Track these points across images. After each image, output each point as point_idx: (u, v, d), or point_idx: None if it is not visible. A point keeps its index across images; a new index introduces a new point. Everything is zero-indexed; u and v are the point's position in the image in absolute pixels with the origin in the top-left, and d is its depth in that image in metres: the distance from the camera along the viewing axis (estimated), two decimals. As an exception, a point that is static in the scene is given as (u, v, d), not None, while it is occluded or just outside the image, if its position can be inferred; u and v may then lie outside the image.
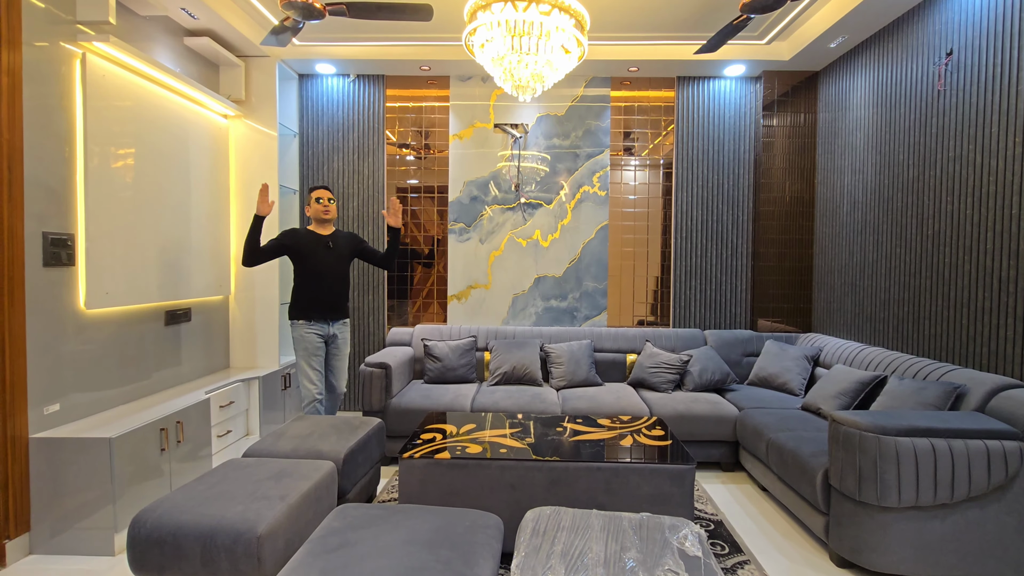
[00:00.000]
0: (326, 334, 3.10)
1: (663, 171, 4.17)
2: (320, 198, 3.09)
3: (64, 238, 2.42)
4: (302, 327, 3.04)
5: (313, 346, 3.04)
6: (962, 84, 2.59)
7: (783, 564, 2.31)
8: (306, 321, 3.04)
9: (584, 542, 1.61)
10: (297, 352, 3.07)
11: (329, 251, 3.08)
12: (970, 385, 2.36)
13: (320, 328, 3.07)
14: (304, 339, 3.04)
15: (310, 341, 3.04)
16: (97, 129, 2.56)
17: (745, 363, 3.85)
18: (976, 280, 2.52)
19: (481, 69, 3.96)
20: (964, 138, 2.58)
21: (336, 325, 3.14)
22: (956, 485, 2.05)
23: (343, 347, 3.20)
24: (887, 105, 3.16)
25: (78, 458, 2.28)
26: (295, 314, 3.07)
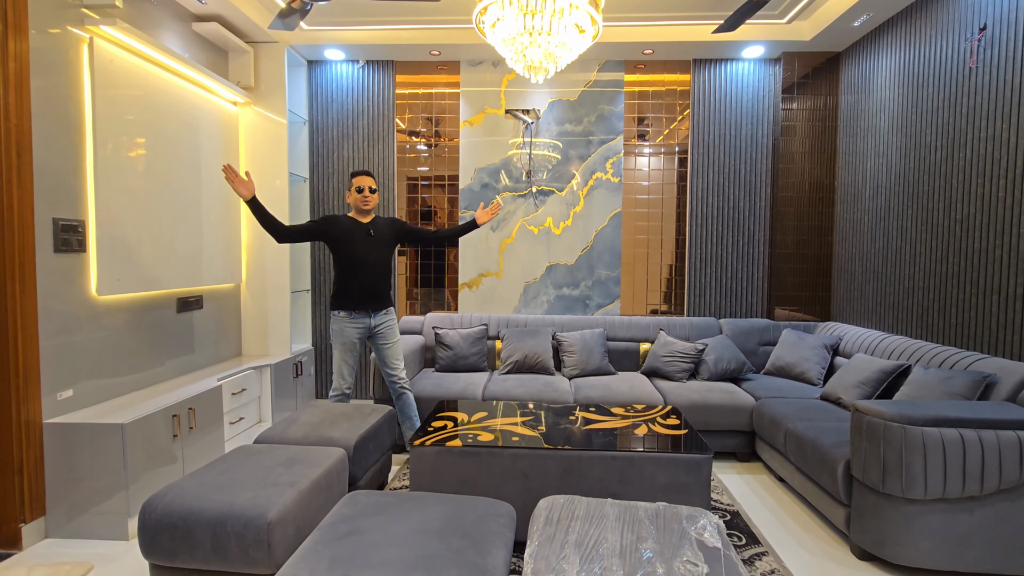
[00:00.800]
0: (367, 326, 2.94)
1: (678, 157, 4.08)
2: (361, 187, 2.89)
3: (75, 224, 2.41)
4: (342, 320, 2.90)
5: (350, 341, 2.91)
6: (996, 60, 2.47)
7: (802, 556, 2.26)
8: (346, 313, 2.90)
9: (599, 532, 1.57)
10: (333, 344, 2.95)
11: (369, 239, 2.91)
12: (1000, 374, 2.27)
13: (360, 321, 2.91)
14: (342, 333, 2.91)
15: (348, 336, 2.90)
16: (106, 114, 2.54)
17: (761, 352, 3.77)
18: (1008, 265, 2.42)
19: (492, 53, 3.88)
20: (997, 117, 2.47)
21: (378, 316, 2.97)
22: (986, 477, 1.98)
23: (390, 335, 3.01)
24: (914, 85, 3.04)
25: (91, 443, 2.29)
26: (335, 305, 2.94)
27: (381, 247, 2.96)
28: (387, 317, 3.01)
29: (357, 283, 2.90)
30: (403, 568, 1.40)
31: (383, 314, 2.99)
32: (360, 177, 2.93)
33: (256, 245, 3.74)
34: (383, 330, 2.99)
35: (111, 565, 2.13)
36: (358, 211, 2.95)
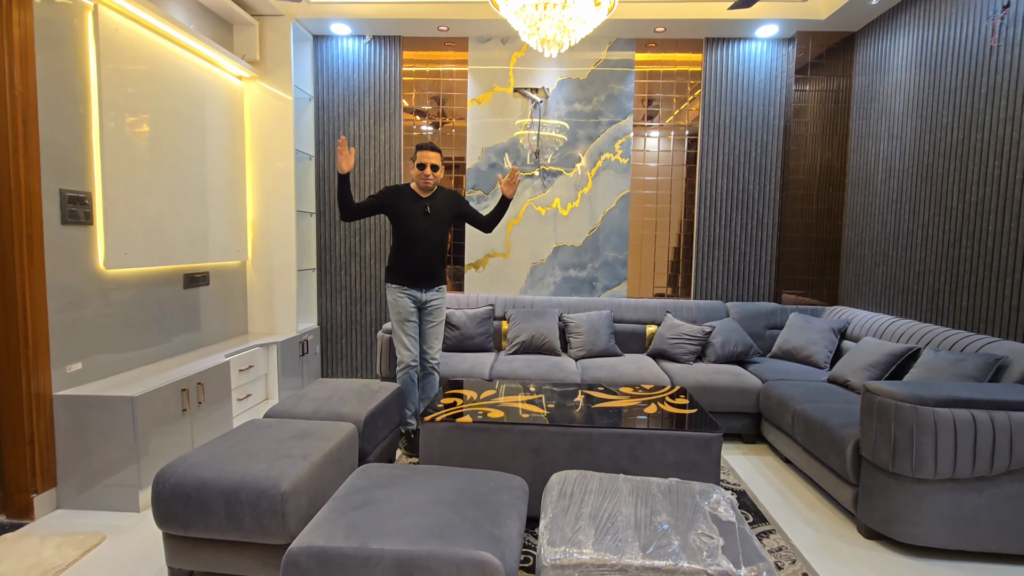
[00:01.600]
0: (419, 301, 2.95)
1: (688, 139, 4.03)
2: (423, 164, 2.81)
3: (81, 196, 2.39)
4: (395, 291, 2.93)
5: (407, 311, 2.91)
6: (1019, 38, 2.42)
7: (809, 534, 2.27)
8: (399, 286, 2.92)
9: (613, 505, 1.58)
10: (392, 317, 2.96)
11: (427, 217, 2.89)
12: (1013, 357, 2.26)
13: (413, 294, 2.93)
14: (397, 303, 2.92)
15: (403, 306, 2.91)
16: (111, 85, 2.50)
17: (768, 336, 3.76)
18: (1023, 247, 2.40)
19: (501, 29, 3.81)
20: (1018, 97, 2.43)
21: (429, 292, 2.97)
22: (996, 457, 1.98)
23: (436, 314, 3.01)
24: (932, 65, 2.99)
25: (102, 416, 2.29)
26: (390, 277, 2.96)
27: (437, 226, 2.93)
28: (438, 295, 3.02)
29: (410, 259, 2.91)
30: (419, 536, 1.40)
31: (435, 291, 3.00)
32: (425, 152, 2.82)
33: (262, 222, 3.72)
34: (431, 307, 3.01)
35: (123, 536, 2.15)
36: (418, 186, 2.91)
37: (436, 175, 2.86)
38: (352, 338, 4.19)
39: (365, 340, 4.18)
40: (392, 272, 2.94)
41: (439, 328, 3.03)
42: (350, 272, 4.14)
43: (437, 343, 3.03)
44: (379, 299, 4.15)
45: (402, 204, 2.88)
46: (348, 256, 4.13)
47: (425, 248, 2.90)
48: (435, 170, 2.84)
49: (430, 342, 3.01)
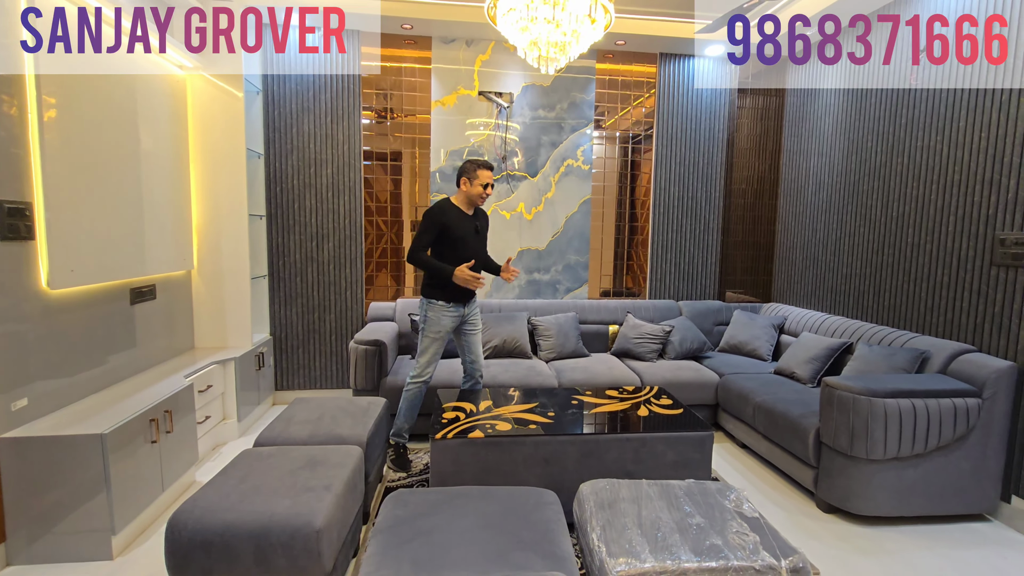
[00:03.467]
0: (462, 316, 2.92)
1: (644, 147, 4.26)
2: (487, 183, 2.80)
3: (21, 207, 2.07)
4: (441, 309, 2.83)
5: (445, 330, 2.87)
6: (935, 78, 2.85)
7: (778, 512, 2.57)
8: (447, 303, 2.84)
9: (650, 512, 1.70)
10: (427, 331, 2.85)
11: (477, 236, 2.91)
12: (932, 351, 2.69)
13: (458, 311, 2.88)
14: (440, 321, 2.84)
15: (445, 324, 2.85)
16: (52, 81, 2.17)
17: (716, 331, 4.12)
18: (936, 259, 2.85)
19: (467, 31, 3.77)
20: (932, 130, 2.86)
21: (470, 305, 2.96)
22: (929, 438, 2.37)
23: (478, 322, 3.01)
24: (857, 95, 3.41)
25: (62, 457, 2.02)
26: (436, 294, 2.84)
27: (483, 242, 3.00)
28: (473, 304, 3.01)
29: None
30: (487, 564, 1.43)
31: (473, 303, 2.99)
32: (488, 172, 2.81)
33: (209, 228, 3.41)
34: (472, 318, 2.99)
35: (103, 589, 1.93)
36: (468, 203, 2.85)
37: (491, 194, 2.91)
38: (309, 348, 3.98)
39: (324, 349, 3.99)
40: (441, 290, 2.83)
41: (480, 334, 3.04)
42: (306, 278, 3.92)
43: (480, 349, 3.04)
44: (339, 306, 3.98)
45: (454, 223, 2.81)
46: (304, 261, 3.91)
47: (477, 267, 2.90)
48: (492, 188, 2.88)
49: (476, 350, 3.01)
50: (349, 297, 3.98)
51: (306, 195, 3.86)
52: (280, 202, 3.84)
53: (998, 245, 2.51)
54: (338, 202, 3.90)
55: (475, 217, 2.93)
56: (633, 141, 4.27)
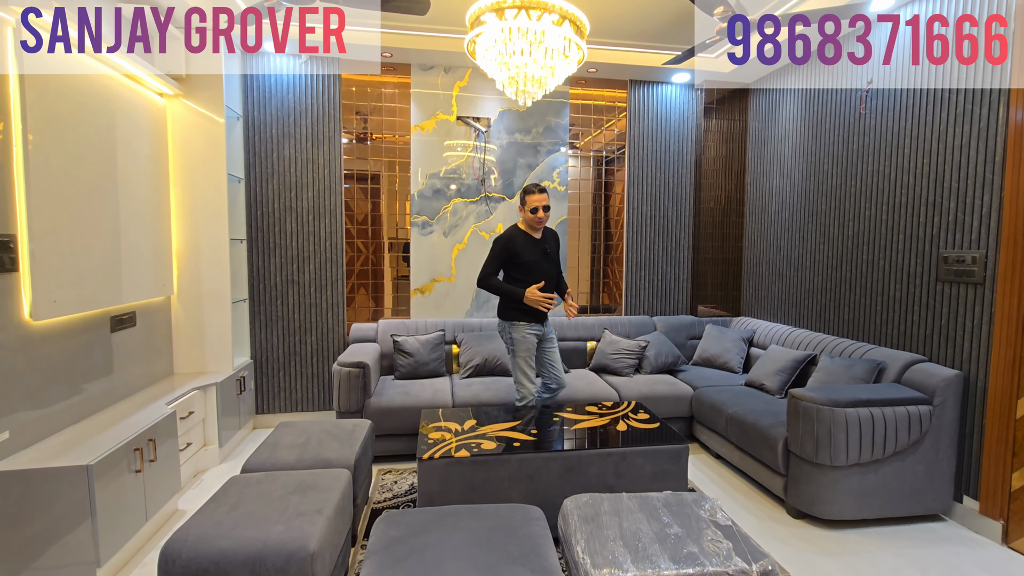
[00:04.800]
0: (542, 335, 3.08)
1: (617, 167, 4.43)
2: (536, 207, 2.93)
3: (6, 239, 2.07)
4: (524, 329, 2.99)
5: (532, 346, 3.03)
6: (880, 110, 3.09)
7: (750, 520, 2.69)
8: (527, 323, 2.99)
9: (631, 524, 1.79)
10: (517, 352, 3.00)
11: (546, 257, 3.03)
12: (888, 361, 2.88)
13: (537, 329, 3.04)
14: (526, 340, 2.99)
15: (531, 342, 3.01)
16: (37, 109, 2.19)
17: (689, 345, 4.28)
18: (888, 275, 3.06)
19: (445, 59, 3.90)
20: (881, 156, 3.09)
21: (547, 324, 3.12)
22: (887, 444, 2.53)
23: (553, 339, 3.16)
24: (814, 121, 3.65)
25: (46, 490, 2.01)
26: (516, 315, 2.99)
27: (554, 264, 3.11)
28: (548, 323, 3.16)
29: None
30: (479, 580, 1.50)
31: (547, 322, 3.14)
32: (535, 196, 2.95)
33: (189, 252, 3.41)
34: (549, 335, 3.15)
35: (89, 623, 1.92)
36: (530, 227, 2.98)
37: (547, 215, 2.99)
38: (291, 371, 3.98)
39: (306, 372, 4.00)
40: (517, 311, 2.98)
41: (557, 351, 3.20)
42: (287, 301, 3.94)
43: (560, 363, 3.22)
44: (320, 328, 4.00)
45: (522, 248, 2.97)
46: (285, 284, 3.93)
47: (549, 287, 3.00)
48: (547, 211, 2.98)
49: (556, 364, 3.18)
50: (330, 318, 4.01)
51: (287, 218, 3.90)
52: (261, 226, 3.86)
53: (942, 262, 2.73)
54: (319, 225, 3.95)
55: (544, 239, 3.06)
56: (606, 163, 4.44)
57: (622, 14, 3.43)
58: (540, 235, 3.06)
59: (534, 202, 2.95)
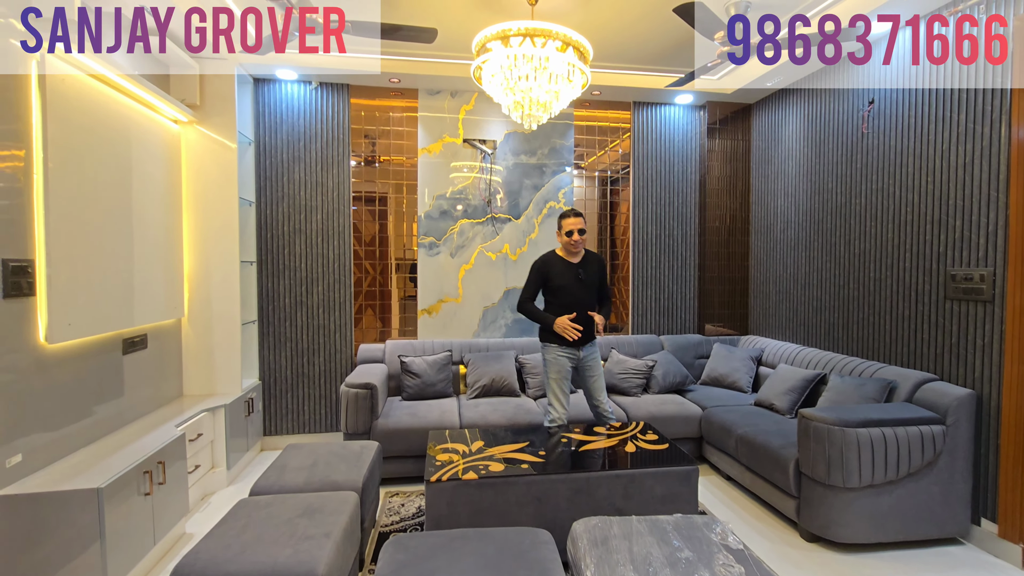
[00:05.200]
0: (578, 356, 3.05)
1: (622, 187, 4.48)
2: (571, 231, 2.96)
3: (24, 265, 2.13)
4: (555, 351, 3.02)
5: (565, 370, 3.02)
6: (882, 129, 3.11)
7: (763, 543, 2.65)
8: (559, 346, 3.01)
9: (641, 548, 1.77)
10: (548, 374, 3.04)
11: (580, 283, 3.02)
12: (899, 380, 2.85)
13: (572, 353, 3.03)
14: (557, 362, 3.01)
15: (562, 365, 3.01)
16: (57, 139, 2.27)
17: (697, 364, 4.25)
18: (897, 293, 3.05)
19: (451, 84, 3.99)
20: (885, 174, 3.11)
21: (586, 349, 3.07)
22: (900, 464, 2.50)
23: (595, 367, 3.11)
24: (817, 140, 3.68)
25: (57, 513, 2.02)
26: (548, 338, 3.03)
27: (590, 289, 3.07)
28: (592, 349, 3.11)
29: None
30: (488, 606, 1.48)
31: (590, 346, 3.10)
32: (569, 219, 2.98)
33: (200, 275, 3.46)
34: (589, 362, 3.10)
35: (96, 649, 1.91)
36: (567, 251, 3.01)
37: (583, 239, 3.01)
38: (299, 392, 4.00)
39: (314, 393, 4.01)
40: (554, 334, 3.00)
41: (601, 379, 3.13)
42: (296, 323, 3.97)
43: (603, 393, 3.14)
44: (328, 349, 4.02)
45: (556, 271, 3.02)
46: (294, 306, 3.97)
47: (581, 312, 2.99)
48: (582, 234, 3.00)
49: (598, 395, 3.12)
50: (338, 340, 4.03)
51: (296, 241, 3.95)
52: (270, 248, 3.92)
53: (950, 280, 2.72)
54: (327, 247, 4.00)
55: (581, 264, 3.06)
56: (611, 183, 4.48)
57: (625, 39, 3.50)
58: (578, 259, 3.07)
59: (568, 225, 2.99)
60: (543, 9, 3.02)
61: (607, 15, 3.16)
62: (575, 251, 3.05)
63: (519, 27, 2.40)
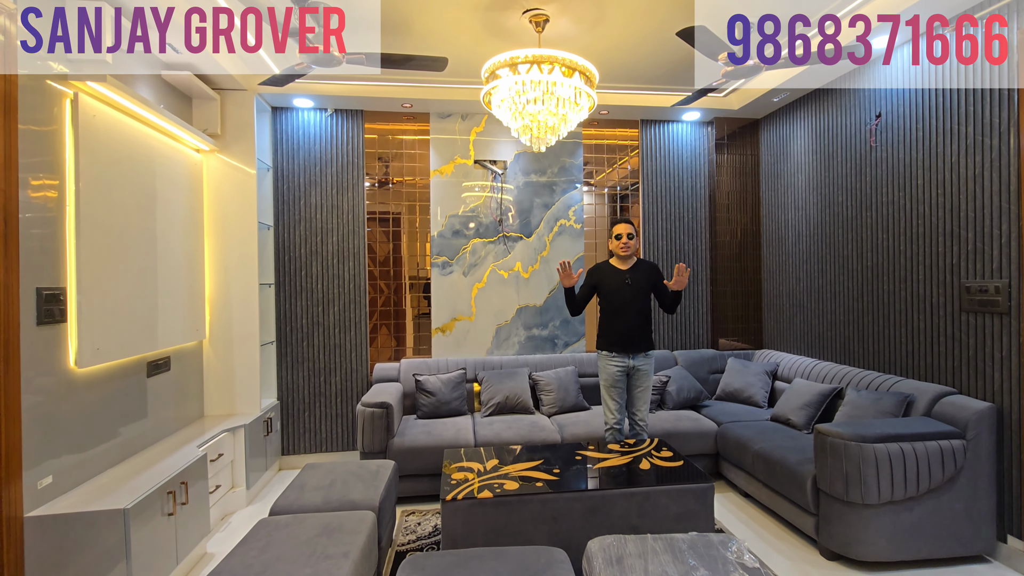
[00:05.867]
0: (628, 365, 3.10)
1: (631, 203, 4.52)
2: (620, 235, 3.10)
3: (56, 292, 2.22)
4: (604, 358, 3.12)
5: (613, 377, 3.09)
6: (891, 142, 3.12)
7: (782, 562, 2.61)
8: (608, 353, 3.10)
9: (656, 566, 1.77)
10: (601, 381, 3.14)
11: (627, 288, 3.10)
12: (916, 394, 2.82)
13: (621, 360, 3.09)
14: (606, 369, 3.11)
15: (611, 372, 3.09)
16: (88, 171, 2.38)
17: (712, 379, 4.23)
18: (911, 305, 3.03)
19: (462, 107, 4.09)
20: (895, 187, 3.11)
21: (638, 358, 3.11)
22: (920, 480, 2.46)
23: (643, 379, 3.14)
24: (826, 154, 3.69)
25: (85, 534, 2.08)
26: (599, 344, 3.17)
27: (638, 296, 3.12)
28: (645, 360, 3.14)
29: (616, 328, 3.11)
30: (504, 625, 1.50)
31: (642, 356, 3.13)
32: (619, 225, 3.13)
33: (220, 298, 3.56)
34: (640, 373, 3.13)
35: (122, 668, 1.95)
36: (618, 257, 3.12)
37: (632, 243, 3.11)
38: (316, 411, 4.06)
39: (330, 412, 4.07)
40: (602, 340, 3.15)
41: (646, 392, 3.16)
42: (313, 342, 4.05)
43: (645, 407, 3.17)
44: (344, 368, 4.09)
45: (605, 278, 3.14)
46: (311, 326, 4.05)
47: (629, 317, 3.08)
48: (631, 238, 3.10)
49: (638, 405, 3.16)
50: (354, 359, 4.10)
51: (313, 262, 4.05)
52: (288, 270, 4.02)
53: (965, 292, 2.70)
54: (343, 268, 4.09)
55: (631, 270, 3.14)
56: (621, 199, 4.52)
57: (631, 60, 3.57)
58: (628, 266, 3.15)
59: (617, 229, 3.14)
60: (550, 35, 3.11)
61: (612, 38, 3.24)
62: (625, 256, 3.13)
63: (526, 55, 2.47)
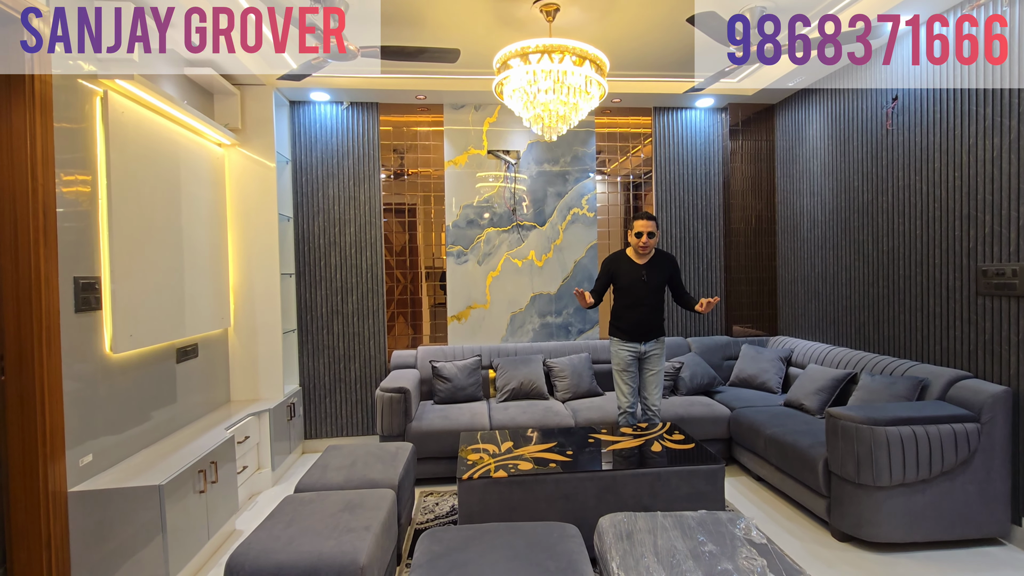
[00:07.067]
0: (639, 351, 3.19)
1: (644, 191, 4.53)
2: (640, 232, 3.10)
3: (92, 281, 2.34)
4: (617, 344, 3.21)
5: (624, 362, 3.18)
6: (907, 125, 3.09)
7: (794, 543, 2.65)
8: (620, 340, 3.20)
9: (665, 541, 1.83)
10: (613, 366, 3.24)
11: (644, 284, 3.15)
12: (931, 378, 2.82)
13: (633, 347, 3.18)
14: (618, 355, 3.20)
15: (623, 357, 3.18)
16: (118, 166, 2.49)
17: (726, 366, 4.25)
18: (927, 290, 3.01)
19: (475, 98, 4.13)
20: (911, 171, 3.08)
21: (649, 343, 3.20)
22: (932, 463, 2.47)
23: (655, 363, 3.22)
24: (841, 139, 3.66)
25: (124, 508, 2.21)
26: (612, 331, 3.26)
27: (653, 290, 3.19)
28: (657, 345, 3.23)
29: (629, 318, 3.19)
30: (518, 593, 1.57)
31: (653, 342, 3.22)
32: (641, 221, 3.12)
33: (244, 288, 3.69)
34: (651, 356, 3.22)
35: (161, 633, 2.08)
36: (636, 251, 3.16)
37: (652, 241, 3.12)
38: (336, 397, 4.18)
39: (350, 398, 4.19)
40: (615, 327, 3.25)
41: (658, 376, 3.23)
42: (332, 330, 4.17)
43: (656, 391, 3.24)
44: (363, 356, 4.19)
45: (622, 270, 3.19)
46: (331, 314, 4.16)
47: (643, 310, 3.16)
48: (651, 237, 3.11)
49: (649, 389, 3.24)
50: (372, 346, 4.20)
51: (331, 253, 4.15)
52: (308, 260, 4.13)
53: (981, 276, 2.68)
54: (360, 258, 4.18)
55: (648, 265, 3.17)
56: (634, 187, 4.54)
57: (642, 47, 3.57)
58: (645, 260, 3.18)
59: (638, 227, 3.12)
60: (561, 24, 3.12)
61: (623, 26, 3.24)
62: (643, 251, 3.15)
63: (537, 44, 2.51)
